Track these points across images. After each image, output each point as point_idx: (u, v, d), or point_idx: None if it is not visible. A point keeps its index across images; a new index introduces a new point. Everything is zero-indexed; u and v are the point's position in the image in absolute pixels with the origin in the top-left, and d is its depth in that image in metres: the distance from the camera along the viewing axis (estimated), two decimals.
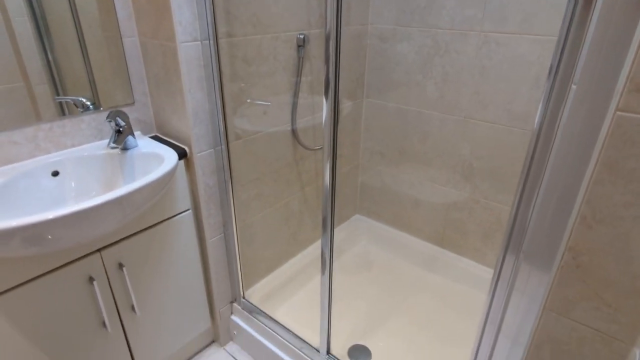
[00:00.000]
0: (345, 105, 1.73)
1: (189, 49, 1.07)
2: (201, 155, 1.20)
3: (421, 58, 1.56)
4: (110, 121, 1.08)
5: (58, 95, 1.09)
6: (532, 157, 0.61)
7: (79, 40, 1.10)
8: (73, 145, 1.13)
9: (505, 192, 1.52)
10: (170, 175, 1.05)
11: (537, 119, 0.59)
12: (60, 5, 1.05)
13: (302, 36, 1.37)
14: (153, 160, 1.12)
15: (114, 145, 1.08)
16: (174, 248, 1.25)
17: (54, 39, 1.05)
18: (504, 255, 0.69)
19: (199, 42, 1.09)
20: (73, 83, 1.11)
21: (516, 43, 1.32)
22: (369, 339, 1.46)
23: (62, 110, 1.11)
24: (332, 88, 0.90)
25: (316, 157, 1.68)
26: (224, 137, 1.20)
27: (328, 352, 1.24)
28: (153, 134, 1.30)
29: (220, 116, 1.17)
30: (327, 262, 1.12)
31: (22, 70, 1.02)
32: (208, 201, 1.28)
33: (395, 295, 1.68)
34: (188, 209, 1.26)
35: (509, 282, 0.70)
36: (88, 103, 1.17)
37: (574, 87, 0.55)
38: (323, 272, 1.14)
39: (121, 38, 1.15)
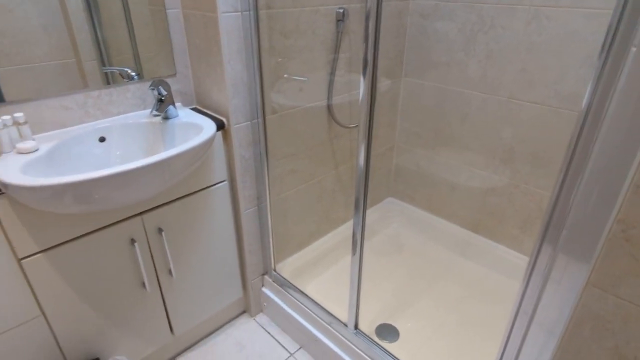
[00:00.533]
0: (383, 84, 1.70)
1: (230, 19, 1.09)
2: (238, 127, 1.23)
3: (464, 35, 1.50)
4: (153, 89, 1.12)
5: (105, 66, 1.14)
6: (579, 137, 0.57)
7: (125, 14, 1.14)
8: (119, 113, 1.19)
9: (547, 177, 1.45)
10: (208, 143, 1.08)
11: (585, 98, 0.55)
12: None
13: (341, 10, 1.36)
14: (192, 129, 1.15)
15: (156, 113, 1.12)
16: (210, 217, 1.29)
17: (102, 14, 1.10)
18: (541, 242, 0.66)
19: (239, 13, 1.10)
20: (119, 55, 1.15)
21: (568, 17, 1.24)
22: (397, 319, 1.45)
23: (108, 80, 1.16)
24: (370, 66, 0.88)
25: (351, 136, 1.67)
26: (261, 110, 1.22)
27: (356, 327, 1.25)
28: (193, 106, 1.34)
29: (258, 89, 1.18)
30: (358, 242, 1.12)
31: (73, 43, 1.07)
32: (244, 173, 1.31)
33: (426, 279, 1.66)
34: (224, 180, 1.29)
35: (545, 271, 0.67)
36: (133, 74, 1.21)
37: (633, 49, 0.51)
38: (354, 251, 1.14)
39: (165, 10, 1.18)
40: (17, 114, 0.96)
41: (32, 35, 0.92)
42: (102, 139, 1.12)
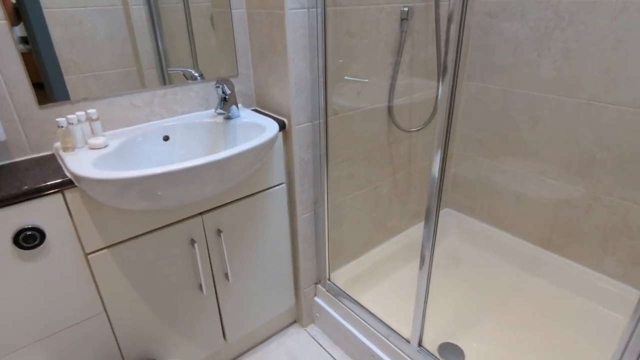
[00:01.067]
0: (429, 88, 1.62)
1: (296, 16, 1.06)
2: (299, 127, 1.19)
3: (536, 34, 1.40)
4: (218, 87, 1.11)
5: (169, 67, 1.15)
6: None
7: (187, 19, 1.15)
8: (183, 112, 1.19)
9: (636, 188, 1.30)
10: (270, 143, 1.04)
11: None
12: None
13: (406, 9, 1.30)
14: (254, 129, 1.13)
15: (221, 111, 1.10)
16: (266, 221, 1.25)
17: (164, 22, 1.11)
18: None
19: (306, 10, 1.07)
20: (181, 56, 1.16)
21: None
22: (461, 338, 1.34)
23: (171, 81, 1.16)
24: (451, 70, 0.81)
25: (410, 141, 1.60)
26: (324, 110, 1.18)
27: (420, 344, 1.15)
28: (253, 108, 1.32)
29: (322, 88, 1.15)
30: (427, 256, 1.03)
31: (135, 51, 1.09)
32: (302, 176, 1.27)
33: (489, 296, 1.53)
34: (282, 183, 1.25)
35: None
36: (196, 74, 1.21)
37: None
38: (422, 265, 1.05)
39: (231, 10, 1.18)
40: (90, 110, 0.97)
41: (99, 45, 0.95)
42: (166, 138, 1.13)
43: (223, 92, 1.11)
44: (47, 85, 0.95)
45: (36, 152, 0.98)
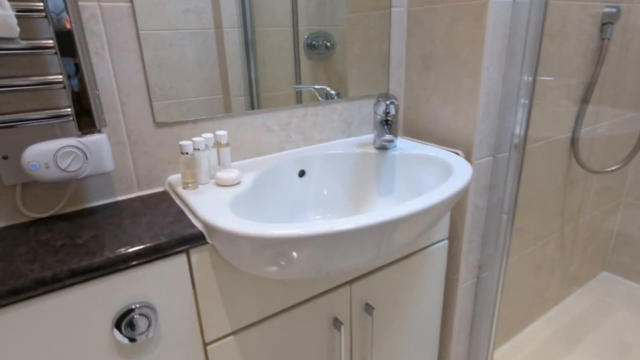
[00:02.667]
0: (625, 118, 1.25)
1: (500, 7, 0.76)
2: (479, 163, 0.86)
3: None
4: (378, 101, 0.80)
5: (299, 83, 0.87)
6: None
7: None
8: (321, 140, 0.89)
9: None
10: (466, 187, 0.71)
11: None
12: None
13: (613, 10, 0.97)
14: (424, 166, 0.81)
15: (388, 138, 0.78)
16: (417, 291, 0.90)
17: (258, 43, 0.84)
18: None
19: (511, 0, 0.77)
20: (307, 74, 0.88)
21: None
22: None
23: (300, 100, 0.88)
24: None
25: (585, 185, 1.21)
26: (522, 140, 0.84)
27: None
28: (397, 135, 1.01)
29: (524, 110, 0.81)
30: None
31: (222, 74, 0.82)
32: (472, 230, 0.92)
33: None
34: (444, 239, 0.91)
35: None
36: (332, 92, 0.93)
37: None
38: None
39: (390, 9, 0.90)
40: (220, 132, 0.69)
41: (186, 70, 0.72)
42: (301, 173, 0.83)
43: (386, 113, 0.81)
44: None
45: (144, 189, 0.70)
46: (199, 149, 0.65)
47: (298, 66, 0.86)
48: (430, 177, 0.80)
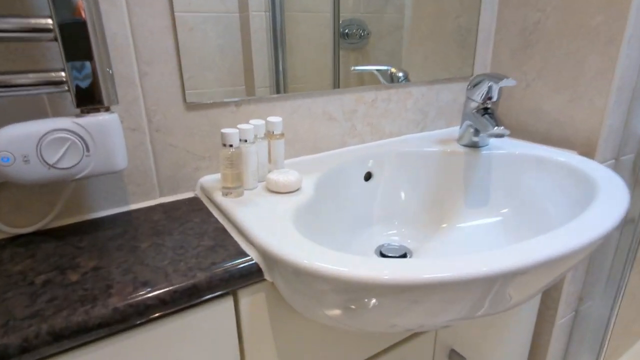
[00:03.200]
0: None
1: None
2: None
3: None
4: (480, 82, 0.60)
5: (337, 74, 0.67)
6: None
7: None
8: (391, 134, 0.69)
9: None
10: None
11: None
12: None
13: None
14: (536, 170, 0.61)
15: (497, 131, 0.58)
16: (504, 332, 0.70)
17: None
18: None
19: None
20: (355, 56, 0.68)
21: None
22: None
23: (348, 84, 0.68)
24: None
25: None
26: None
27: None
28: None
29: None
30: None
31: (246, 62, 0.63)
32: None
33: None
34: None
35: None
36: (400, 74, 0.73)
37: None
38: None
39: None
40: (272, 119, 0.50)
41: (208, 57, 0.54)
42: (367, 176, 0.63)
43: (488, 98, 0.61)
44: None
45: (168, 194, 0.51)
46: (246, 141, 0.46)
47: (337, 55, 0.67)
48: (549, 189, 0.59)
